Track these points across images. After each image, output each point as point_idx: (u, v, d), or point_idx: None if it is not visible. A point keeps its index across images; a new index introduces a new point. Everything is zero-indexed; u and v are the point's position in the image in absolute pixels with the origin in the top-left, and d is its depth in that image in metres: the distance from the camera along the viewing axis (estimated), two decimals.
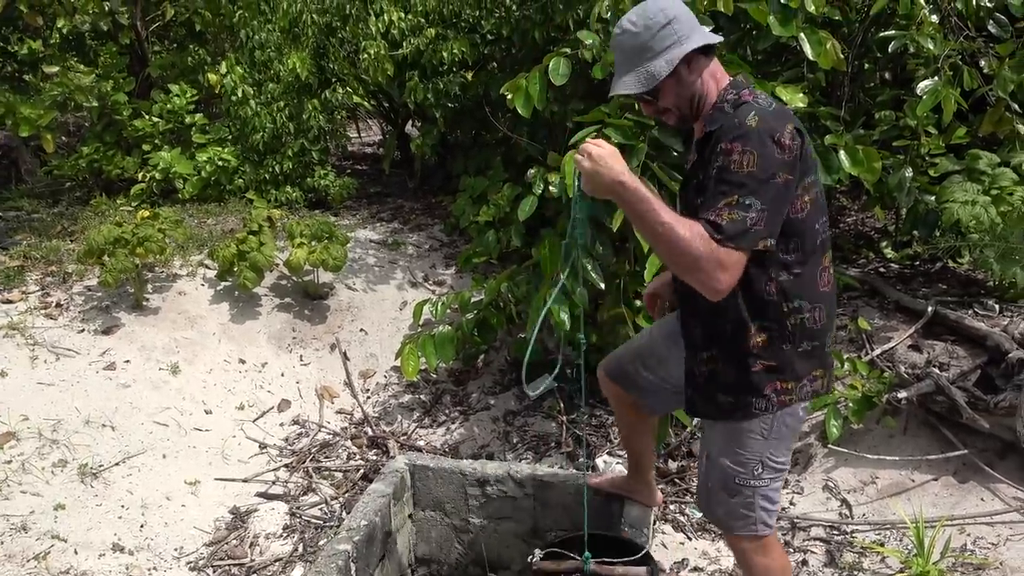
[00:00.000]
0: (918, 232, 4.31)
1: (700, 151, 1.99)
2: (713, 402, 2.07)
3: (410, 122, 6.87)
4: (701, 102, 1.98)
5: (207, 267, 4.75)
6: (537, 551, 2.17)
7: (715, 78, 1.98)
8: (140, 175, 5.67)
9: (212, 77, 5.93)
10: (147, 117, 5.80)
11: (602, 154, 1.86)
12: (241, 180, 5.78)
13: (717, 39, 1.97)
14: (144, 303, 4.35)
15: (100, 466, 3.33)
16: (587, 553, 2.17)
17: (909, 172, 3.97)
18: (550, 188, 3.93)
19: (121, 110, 5.71)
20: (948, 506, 3.13)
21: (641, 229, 1.87)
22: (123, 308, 4.31)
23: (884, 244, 4.84)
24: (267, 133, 5.64)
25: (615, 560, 2.25)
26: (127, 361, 3.98)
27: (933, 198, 4.07)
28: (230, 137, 5.86)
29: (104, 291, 4.36)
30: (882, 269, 4.72)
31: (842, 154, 3.48)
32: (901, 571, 2.76)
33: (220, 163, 5.67)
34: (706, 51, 1.95)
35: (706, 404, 2.10)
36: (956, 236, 4.08)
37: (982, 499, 3.15)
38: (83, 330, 4.12)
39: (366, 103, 6.48)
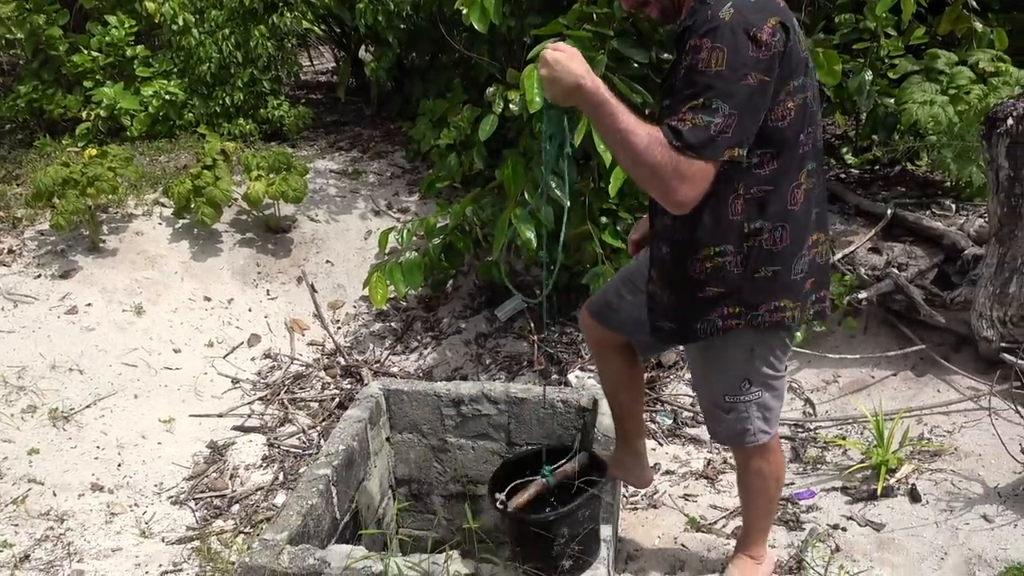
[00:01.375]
0: (877, 135, 4.34)
1: (677, 50, 1.79)
2: (658, 330, 2.00)
3: (363, 47, 6.65)
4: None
5: (163, 205, 4.64)
6: (498, 494, 2.13)
7: None
8: (84, 113, 5.44)
9: (150, 5, 5.63)
10: (85, 52, 5.52)
11: (558, 57, 1.71)
12: (191, 114, 5.57)
13: None
14: (101, 245, 4.25)
15: (71, 409, 3.31)
16: (546, 467, 2.19)
17: (869, 75, 3.96)
18: (510, 106, 3.85)
19: (57, 45, 5.42)
20: (906, 399, 3.26)
21: (602, 136, 1.75)
22: (79, 251, 4.21)
23: (844, 150, 4.87)
24: (214, 64, 5.42)
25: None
26: (88, 304, 3.91)
27: (892, 100, 4.08)
28: (175, 69, 5.62)
29: (58, 234, 4.24)
30: (842, 175, 4.77)
31: None
32: (862, 462, 2.88)
33: (167, 97, 5.45)
34: None
35: (654, 330, 2.02)
36: (915, 138, 4.11)
37: (938, 391, 3.28)
38: (40, 275, 4.02)
39: (316, 28, 6.22)
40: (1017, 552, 2.37)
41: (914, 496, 2.71)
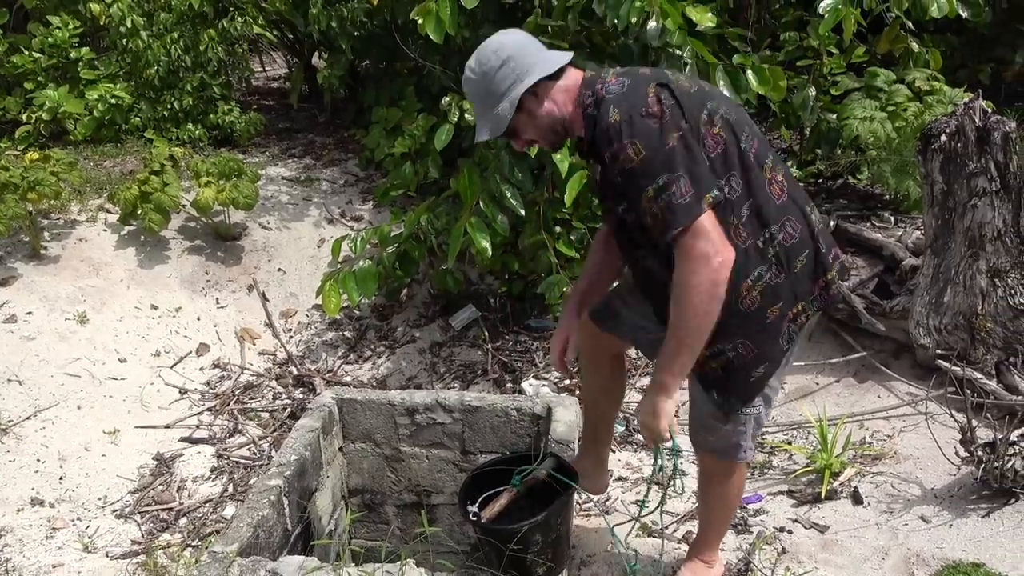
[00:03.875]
0: (821, 150, 4.49)
1: (593, 157, 1.91)
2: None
3: (316, 53, 6.60)
4: (564, 122, 1.91)
5: (108, 211, 4.52)
6: (472, 507, 2.13)
7: (567, 91, 1.89)
8: (25, 116, 5.27)
9: (95, 7, 5.50)
10: (26, 52, 5.36)
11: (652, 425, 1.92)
12: (138, 119, 5.45)
13: (563, 61, 1.88)
14: (42, 251, 4.12)
15: (9, 421, 3.20)
16: (516, 478, 2.20)
17: (812, 91, 4.11)
18: (466, 116, 3.88)
19: None
20: (849, 404, 3.37)
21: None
22: (19, 257, 4.07)
23: (789, 163, 5.02)
24: (162, 67, 5.32)
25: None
26: (29, 313, 3.78)
27: (834, 116, 4.23)
28: (122, 73, 5.49)
29: None
30: None
31: (749, 74, 3.55)
32: (807, 466, 2.97)
33: (113, 101, 5.32)
34: (554, 75, 1.87)
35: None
36: (856, 152, 4.27)
37: (879, 396, 3.39)
38: None
39: (268, 33, 6.16)
40: (952, 551, 2.47)
41: (856, 499, 2.80)
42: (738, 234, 1.84)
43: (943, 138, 3.15)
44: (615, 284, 2.37)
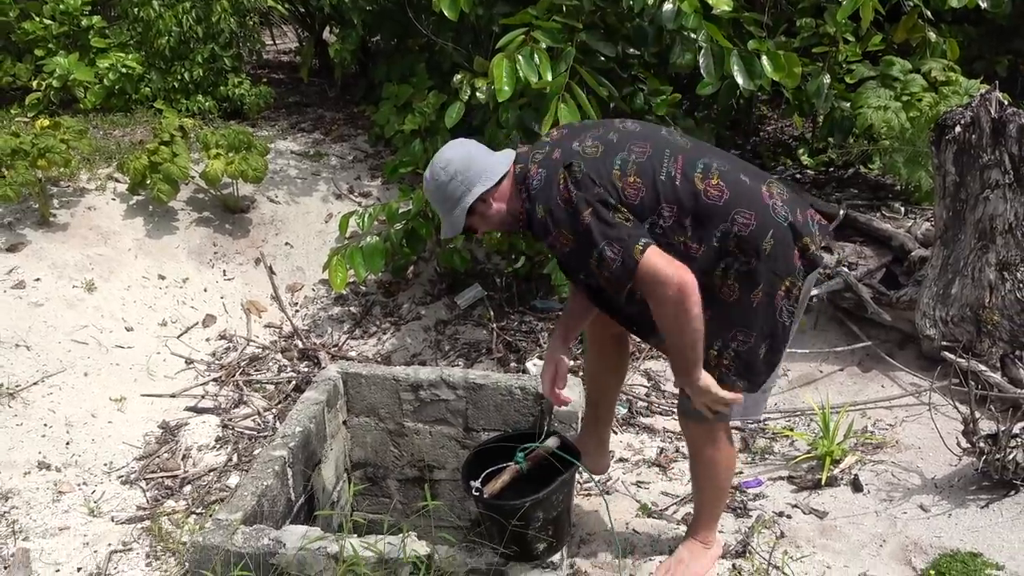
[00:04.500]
0: (833, 138, 4.46)
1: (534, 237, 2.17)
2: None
3: (328, 27, 6.56)
4: (515, 213, 2.10)
5: (117, 181, 4.52)
6: (475, 483, 2.16)
7: (510, 188, 2.10)
8: (35, 83, 5.26)
9: None
10: (37, 19, 5.34)
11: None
12: (148, 89, 5.44)
13: (505, 168, 2.08)
14: (51, 219, 4.13)
15: (17, 386, 3.22)
16: (519, 455, 2.21)
17: (827, 79, 4.07)
18: (477, 94, 3.86)
19: (6, 10, 5.23)
20: (852, 393, 3.38)
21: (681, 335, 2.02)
22: (28, 224, 4.08)
23: (801, 151, 5.00)
24: (173, 38, 5.29)
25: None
26: (37, 279, 3.80)
27: (848, 104, 4.20)
28: (132, 42, 5.47)
29: (5, 207, 4.11)
30: (798, 175, 4.89)
31: (764, 60, 3.53)
32: (808, 453, 2.98)
33: (124, 70, 5.31)
34: (500, 180, 2.08)
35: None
36: (868, 141, 4.24)
37: (882, 386, 3.40)
38: None
39: (280, 6, 6.12)
40: (950, 540, 2.48)
41: (856, 486, 2.81)
42: (688, 247, 2.00)
43: (957, 129, 3.13)
44: None
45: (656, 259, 1.92)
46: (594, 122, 2.25)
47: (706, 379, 2.07)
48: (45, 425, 3.09)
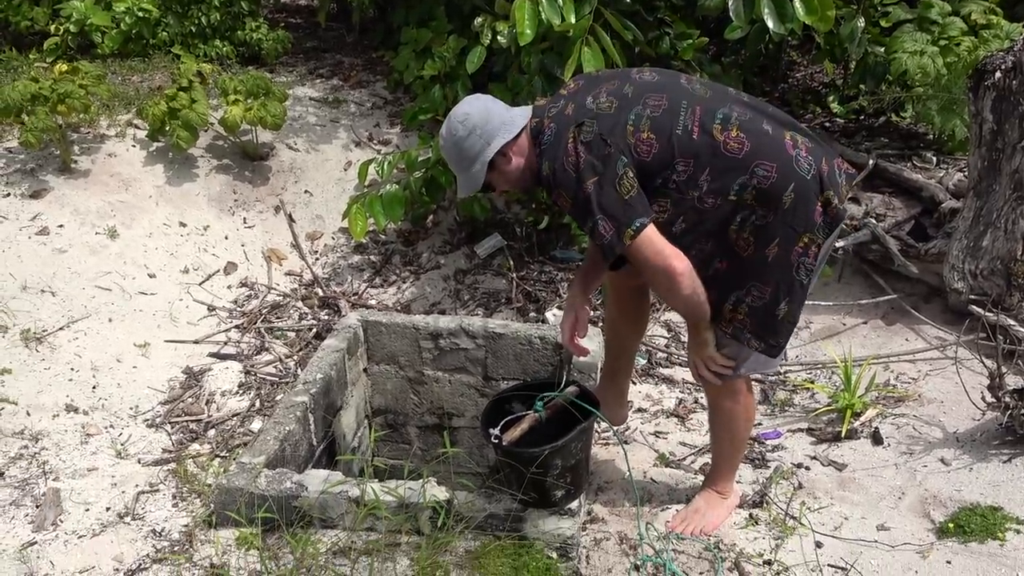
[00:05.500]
0: (865, 85, 4.32)
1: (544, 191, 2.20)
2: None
3: None
4: (532, 169, 2.06)
5: (137, 127, 4.51)
6: (494, 430, 2.16)
7: (527, 143, 2.06)
8: (52, 27, 5.22)
9: None
10: None
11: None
12: (165, 33, 5.37)
13: (523, 122, 2.04)
14: (73, 165, 4.13)
15: (44, 331, 3.27)
16: (538, 403, 2.21)
17: (861, 22, 3.93)
18: (498, 38, 3.78)
19: None
20: (875, 347, 3.34)
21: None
22: (50, 171, 4.09)
23: (831, 98, 4.86)
24: None
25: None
26: (60, 226, 3.82)
27: (883, 49, 4.05)
28: None
29: (27, 153, 4.12)
30: (827, 124, 4.76)
31: (796, 2, 3.39)
32: (828, 405, 2.96)
33: (140, 14, 5.23)
34: (519, 134, 2.04)
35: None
36: (901, 88, 4.10)
37: (907, 339, 3.36)
38: (9, 194, 3.91)
39: None
40: (971, 494, 2.47)
41: (876, 439, 2.80)
42: (703, 202, 1.95)
43: (997, 75, 3.01)
44: None
45: (645, 246, 1.92)
46: (610, 73, 2.17)
47: (705, 335, 2.10)
48: (72, 369, 3.15)
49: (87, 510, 2.47)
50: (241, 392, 3.26)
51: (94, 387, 3.11)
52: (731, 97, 2.04)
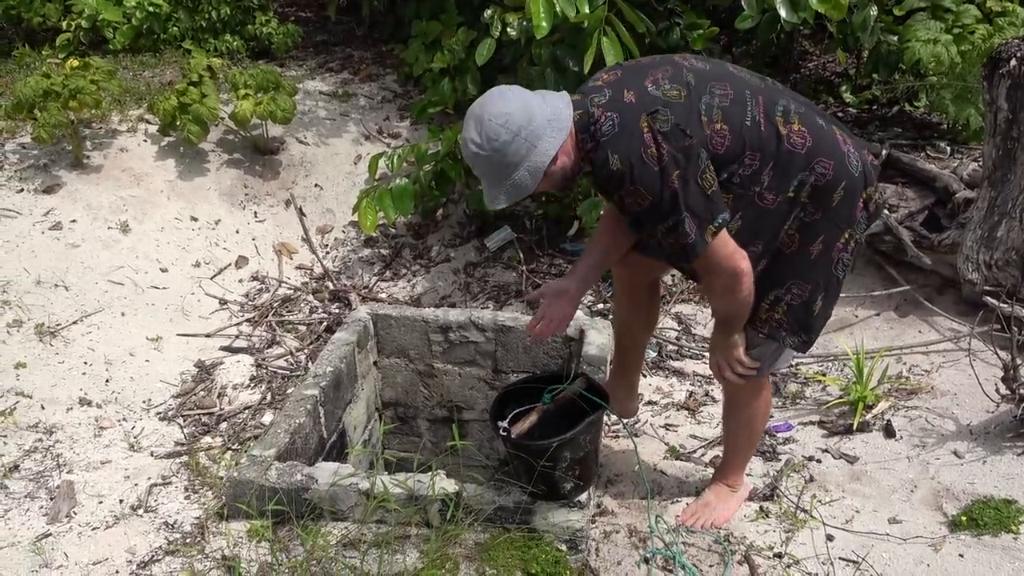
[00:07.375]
0: (879, 73, 4.28)
1: (602, 194, 2.10)
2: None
3: None
4: (573, 168, 1.89)
5: (148, 122, 4.53)
6: (503, 423, 2.16)
7: (571, 140, 1.84)
8: (64, 23, 5.25)
9: None
10: None
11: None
12: (176, 28, 5.39)
13: (567, 117, 1.81)
14: (85, 160, 4.16)
15: (57, 325, 3.30)
16: (547, 396, 2.21)
17: (874, 10, 3.88)
18: (508, 30, 3.77)
19: None
20: (888, 339, 3.31)
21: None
22: (63, 166, 4.12)
23: (843, 88, 4.81)
24: None
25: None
26: (73, 220, 3.85)
27: (896, 38, 4.01)
28: None
29: (40, 148, 4.15)
30: (840, 113, 4.72)
31: None
32: (840, 398, 2.94)
33: (151, 9, 5.26)
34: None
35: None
36: (915, 77, 4.06)
37: (920, 331, 3.33)
38: (22, 189, 3.95)
39: None
40: (984, 487, 2.45)
41: (888, 431, 2.78)
42: (764, 199, 1.89)
43: (1013, 63, 2.97)
44: None
45: (721, 247, 1.84)
46: (652, 60, 1.95)
47: (737, 337, 2.06)
48: (85, 363, 3.18)
49: (100, 502, 2.49)
50: (252, 385, 3.28)
51: (107, 380, 3.13)
52: (779, 88, 1.97)
